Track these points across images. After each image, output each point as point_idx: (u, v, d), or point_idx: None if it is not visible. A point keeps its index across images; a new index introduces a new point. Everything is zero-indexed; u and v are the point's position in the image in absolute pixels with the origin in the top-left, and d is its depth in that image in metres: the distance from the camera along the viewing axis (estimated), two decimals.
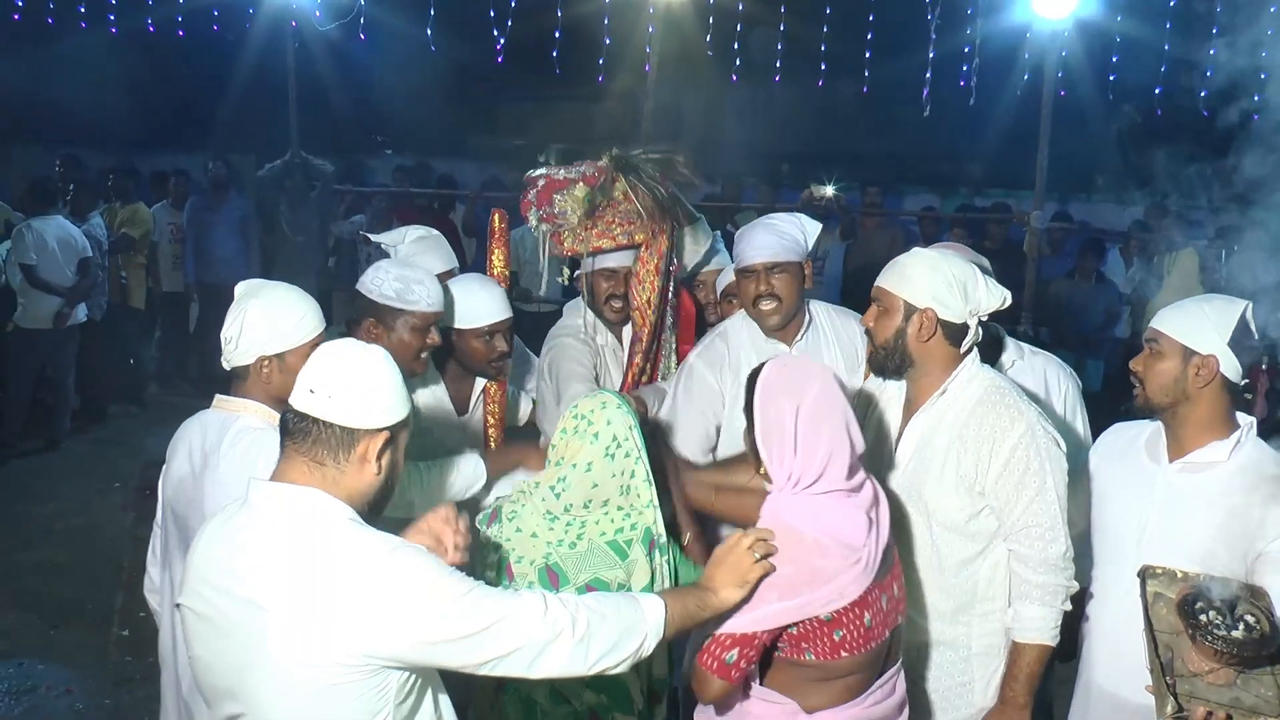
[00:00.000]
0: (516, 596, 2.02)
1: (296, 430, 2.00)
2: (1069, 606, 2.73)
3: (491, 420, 3.54)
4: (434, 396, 3.38)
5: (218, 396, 2.76)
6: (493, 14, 9.40)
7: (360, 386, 1.99)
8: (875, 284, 2.90)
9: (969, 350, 2.82)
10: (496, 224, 3.84)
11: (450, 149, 14.68)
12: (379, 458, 2.01)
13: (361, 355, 2.03)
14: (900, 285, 2.81)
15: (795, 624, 2.31)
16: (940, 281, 2.75)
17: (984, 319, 2.83)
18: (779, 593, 2.28)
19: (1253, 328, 2.64)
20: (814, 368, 2.51)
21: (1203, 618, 2.25)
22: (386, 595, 1.89)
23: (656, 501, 2.57)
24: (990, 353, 3.25)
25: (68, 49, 11.21)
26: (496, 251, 3.82)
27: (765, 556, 2.27)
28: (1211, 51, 8.93)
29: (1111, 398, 8.00)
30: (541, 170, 3.67)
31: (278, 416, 2.66)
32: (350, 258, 9.81)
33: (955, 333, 2.78)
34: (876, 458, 2.94)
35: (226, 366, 2.75)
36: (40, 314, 7.92)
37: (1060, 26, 7.99)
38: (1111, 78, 9.75)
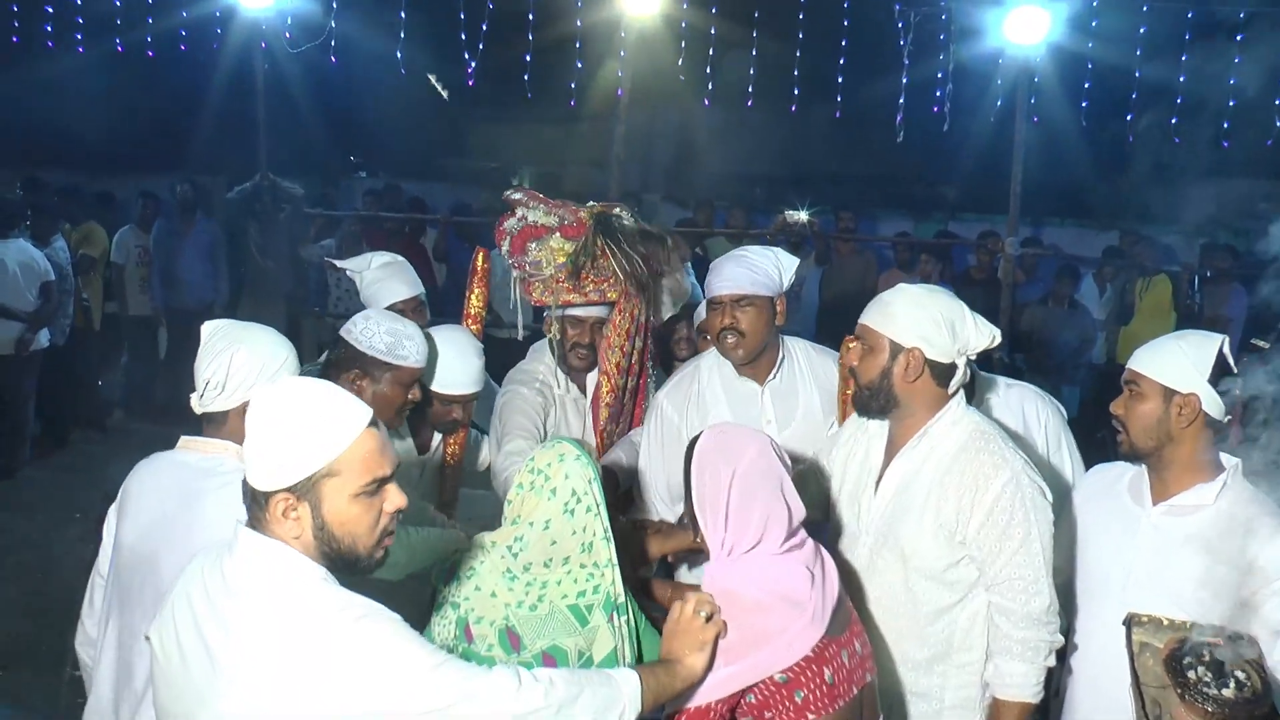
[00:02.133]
0: (488, 672, 1.92)
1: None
2: (1053, 662, 2.64)
3: (449, 461, 3.46)
4: (397, 433, 3.28)
5: (185, 438, 2.64)
6: (465, 36, 9.34)
7: (261, 447, 1.89)
8: (859, 321, 2.80)
9: (956, 391, 2.74)
10: (479, 264, 3.74)
11: (422, 171, 14.59)
12: (286, 516, 1.88)
13: (272, 411, 1.90)
14: (885, 323, 2.71)
15: (752, 691, 2.22)
16: (927, 320, 2.66)
17: (972, 357, 2.75)
18: (725, 659, 2.22)
19: (1231, 362, 2.57)
20: (750, 435, 2.44)
21: (1191, 674, 2.16)
22: (348, 666, 1.80)
23: (615, 560, 2.45)
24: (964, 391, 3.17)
25: (34, 69, 11.06)
26: (476, 291, 3.72)
27: (712, 616, 2.23)
28: (1182, 78, 9.01)
29: (1087, 425, 7.97)
30: (519, 194, 3.57)
31: None
32: (320, 282, 9.67)
33: (943, 372, 2.69)
34: (855, 497, 2.86)
35: (200, 410, 2.63)
36: (0, 339, 7.74)
37: (1033, 52, 8.01)
38: (1084, 103, 9.78)
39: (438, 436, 3.41)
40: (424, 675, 1.83)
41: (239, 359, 2.57)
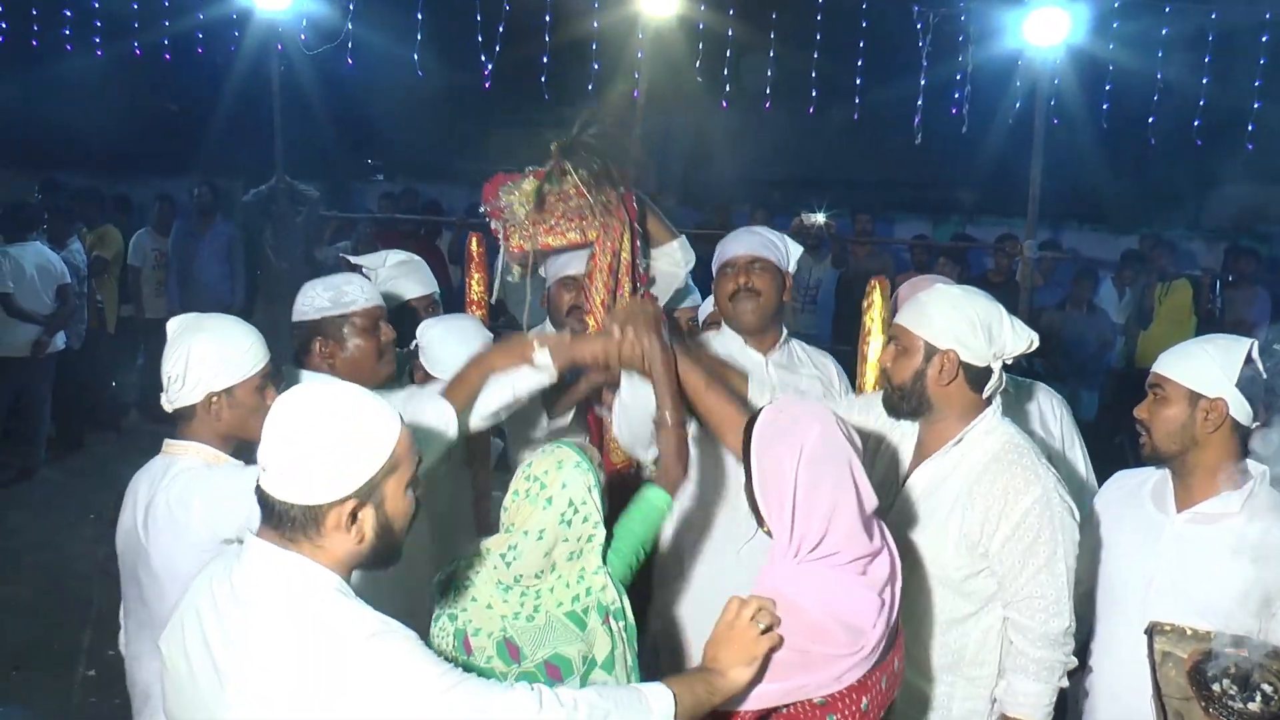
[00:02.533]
0: (508, 692, 1.83)
1: (262, 504, 1.85)
2: (1065, 684, 2.59)
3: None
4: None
5: (165, 441, 2.62)
6: (481, 38, 9.32)
7: (312, 459, 1.79)
8: (894, 321, 2.75)
9: (991, 397, 2.68)
10: (474, 249, 3.70)
11: (439, 173, 14.57)
12: (352, 525, 1.83)
13: (311, 419, 1.80)
14: (921, 324, 2.65)
15: (785, 705, 2.12)
16: (963, 322, 2.60)
17: (1008, 362, 2.69)
18: (769, 674, 2.07)
19: (1260, 366, 2.51)
20: (813, 409, 2.28)
21: (1216, 687, 2.10)
22: (359, 685, 1.73)
23: (608, 568, 2.37)
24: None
25: (52, 72, 11.08)
26: (475, 277, 3.68)
27: (769, 628, 2.05)
28: (1204, 80, 8.93)
29: (1106, 429, 7.90)
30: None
31: (223, 457, 2.55)
32: None
33: (977, 376, 2.63)
34: (879, 496, 2.80)
35: (169, 408, 2.60)
36: (17, 342, 7.74)
37: (1052, 54, 7.93)
38: (1104, 106, 9.69)
39: None
40: (436, 697, 1.75)
41: (197, 350, 2.53)
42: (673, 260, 3.52)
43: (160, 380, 2.62)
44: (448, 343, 3.15)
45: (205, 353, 2.53)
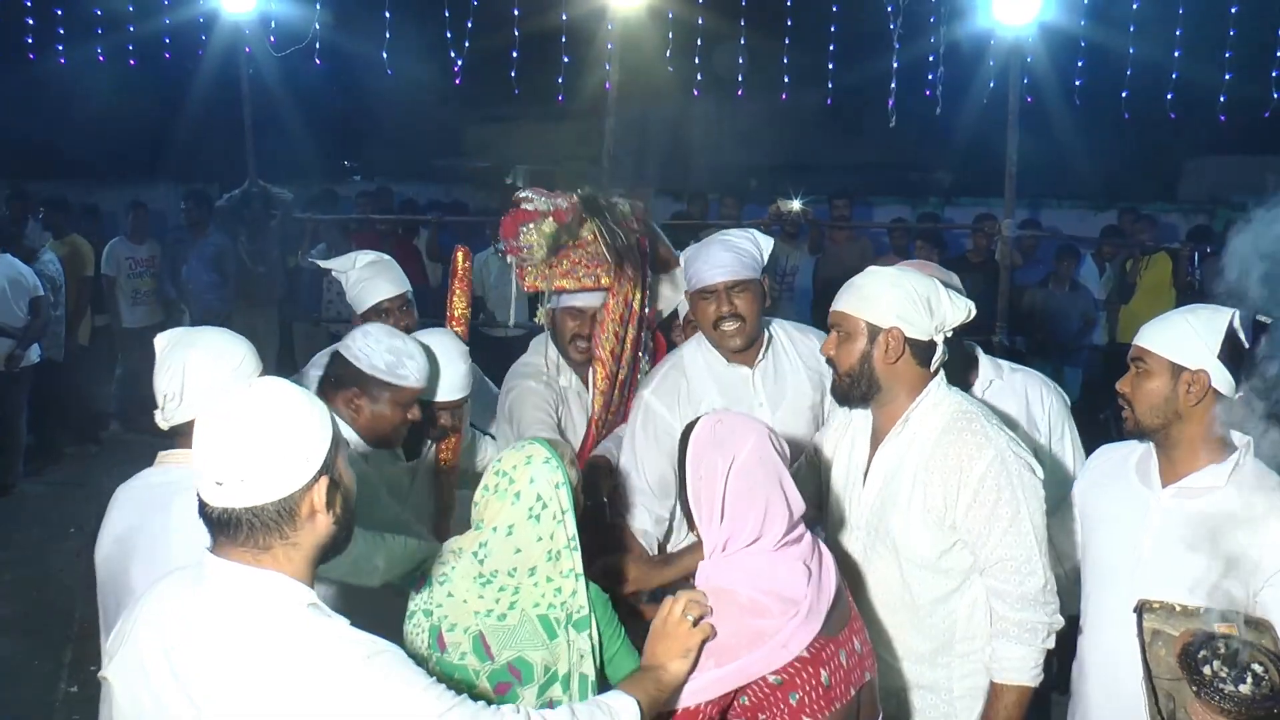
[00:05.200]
0: (496, 714, 1.80)
1: (223, 525, 1.74)
2: (1052, 644, 2.57)
3: (443, 464, 3.35)
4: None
5: (160, 453, 2.57)
6: (449, 34, 9.25)
7: (273, 451, 1.71)
8: (832, 308, 2.72)
9: (937, 370, 2.66)
10: (459, 263, 3.65)
11: (417, 173, 14.49)
12: (330, 505, 1.77)
13: (254, 414, 1.72)
14: (861, 307, 2.64)
15: (745, 693, 2.13)
16: (903, 298, 2.59)
17: (949, 334, 2.67)
18: (715, 659, 2.12)
19: (1242, 337, 2.48)
20: (749, 424, 2.33)
21: (1206, 670, 2.06)
22: (360, 713, 1.67)
23: (580, 571, 2.36)
24: (964, 373, 3.09)
25: (15, 81, 10.95)
26: (458, 293, 3.63)
27: (701, 618, 2.13)
28: (1176, 53, 8.92)
29: (1090, 406, 7.89)
30: (527, 193, 3.48)
31: None
32: (312, 287, 9.57)
33: (923, 351, 2.62)
34: (845, 492, 2.79)
35: (165, 425, 2.55)
36: None
37: (1024, 33, 7.91)
38: (1077, 83, 9.68)
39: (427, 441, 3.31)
40: None
41: (192, 366, 2.49)
42: (674, 284, 3.75)
43: (144, 392, 2.57)
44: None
45: (200, 370, 2.49)
